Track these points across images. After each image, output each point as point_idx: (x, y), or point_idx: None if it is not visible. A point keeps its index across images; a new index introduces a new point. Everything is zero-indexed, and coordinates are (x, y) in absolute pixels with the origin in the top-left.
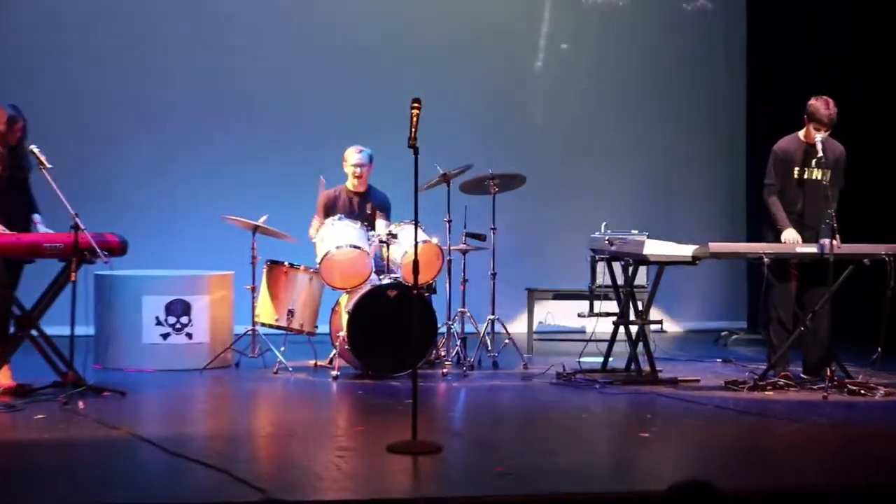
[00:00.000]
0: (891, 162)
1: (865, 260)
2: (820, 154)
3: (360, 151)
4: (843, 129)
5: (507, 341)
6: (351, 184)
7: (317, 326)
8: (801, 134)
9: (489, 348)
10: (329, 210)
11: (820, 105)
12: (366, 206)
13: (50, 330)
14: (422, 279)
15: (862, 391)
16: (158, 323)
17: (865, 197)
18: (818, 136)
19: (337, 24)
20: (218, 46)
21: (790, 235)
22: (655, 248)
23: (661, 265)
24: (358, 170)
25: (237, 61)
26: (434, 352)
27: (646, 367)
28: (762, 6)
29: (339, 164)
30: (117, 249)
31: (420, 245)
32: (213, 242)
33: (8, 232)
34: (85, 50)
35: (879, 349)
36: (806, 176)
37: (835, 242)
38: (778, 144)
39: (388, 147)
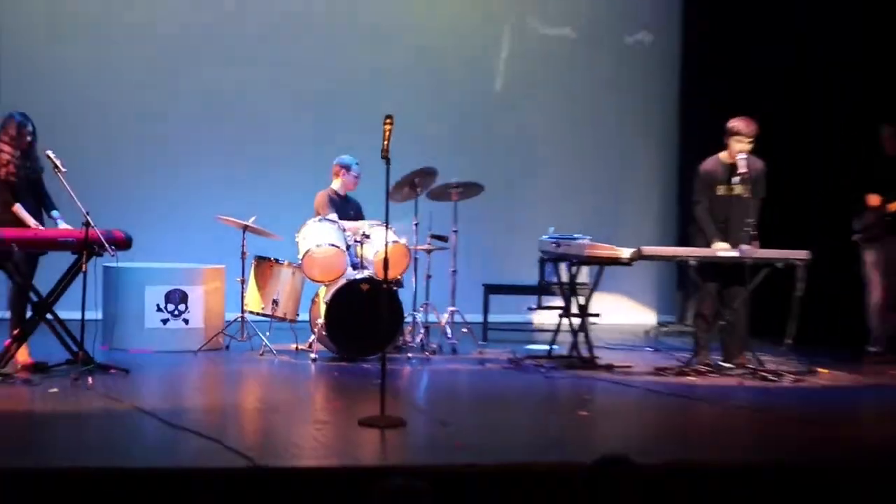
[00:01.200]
0: (804, 177)
1: (779, 263)
2: (743, 170)
3: (358, 163)
4: (763, 148)
5: (465, 330)
6: (345, 188)
7: (298, 314)
8: (722, 155)
9: (449, 336)
10: (330, 208)
11: (741, 124)
12: (349, 209)
13: (63, 314)
14: (391, 274)
15: (773, 377)
16: (159, 310)
17: (782, 208)
18: (741, 155)
19: (324, 47)
20: (220, 64)
21: (719, 246)
22: (596, 250)
23: (601, 265)
24: (358, 180)
25: (235, 80)
26: (401, 338)
27: (586, 354)
28: (694, 42)
29: (322, 169)
30: (123, 244)
31: (390, 245)
32: (208, 239)
33: (32, 226)
34: (96, 61)
35: (789, 341)
36: (728, 192)
37: (752, 248)
38: (702, 166)
39: (364, 157)
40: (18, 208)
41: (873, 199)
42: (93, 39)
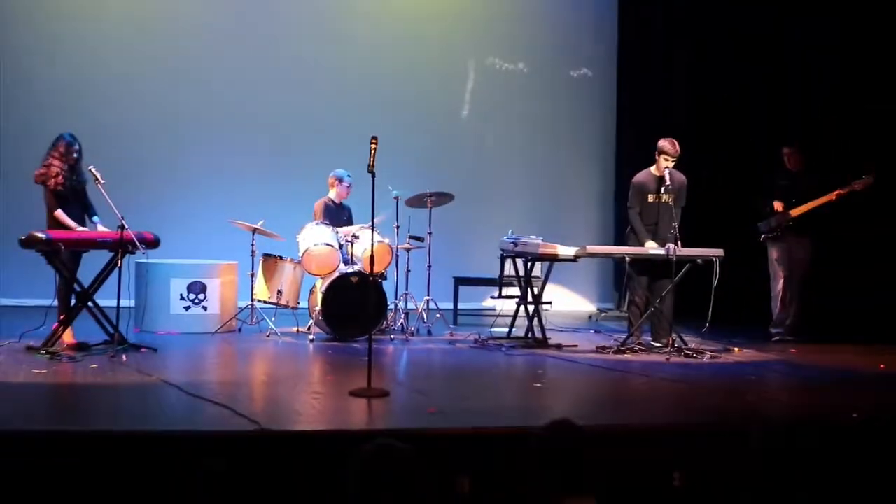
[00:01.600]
0: (720, 187)
1: (699, 260)
2: (668, 183)
3: (350, 176)
4: (686, 164)
5: (438, 315)
6: (339, 197)
7: (299, 303)
8: (652, 168)
9: (425, 320)
10: (326, 214)
11: (668, 144)
12: (343, 214)
13: (102, 302)
14: (376, 269)
15: (694, 355)
16: (182, 298)
17: (703, 213)
18: (667, 170)
19: (321, 80)
20: (232, 92)
21: (650, 245)
22: (547, 248)
23: (551, 261)
24: (350, 190)
25: (247, 106)
26: (385, 322)
27: (539, 336)
28: (627, 75)
29: (319, 180)
30: (152, 244)
31: (375, 244)
32: (224, 239)
33: (77, 229)
34: (124, 85)
35: (707, 324)
36: (657, 199)
37: (677, 247)
38: (636, 177)
39: (352, 170)
40: (59, 213)
41: (778, 206)
42: (120, 65)
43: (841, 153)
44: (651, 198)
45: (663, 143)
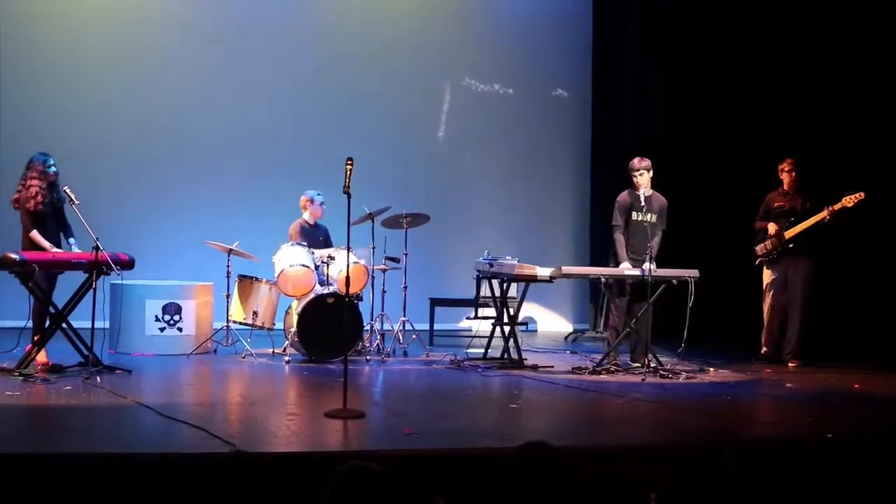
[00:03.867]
0: (697, 207)
1: (674, 280)
2: (642, 203)
3: (320, 194)
4: (662, 185)
5: (414, 336)
6: (313, 217)
7: (275, 323)
8: (633, 189)
9: (401, 341)
10: (302, 235)
11: (634, 160)
12: (319, 234)
13: (76, 323)
14: (352, 290)
15: (670, 375)
16: (157, 319)
17: (680, 232)
18: (642, 188)
19: (297, 103)
20: (208, 115)
21: (624, 266)
22: (523, 269)
23: (527, 282)
24: (323, 208)
25: (222, 130)
26: (361, 343)
27: (515, 356)
28: (602, 97)
29: (295, 201)
30: (127, 265)
31: (351, 265)
32: (199, 260)
33: (52, 251)
34: (100, 111)
35: (683, 345)
36: (637, 218)
37: (652, 267)
38: (620, 196)
39: (328, 191)
40: (35, 234)
41: (772, 228)
42: (94, 86)
43: (829, 170)
44: (635, 216)
45: (632, 162)
